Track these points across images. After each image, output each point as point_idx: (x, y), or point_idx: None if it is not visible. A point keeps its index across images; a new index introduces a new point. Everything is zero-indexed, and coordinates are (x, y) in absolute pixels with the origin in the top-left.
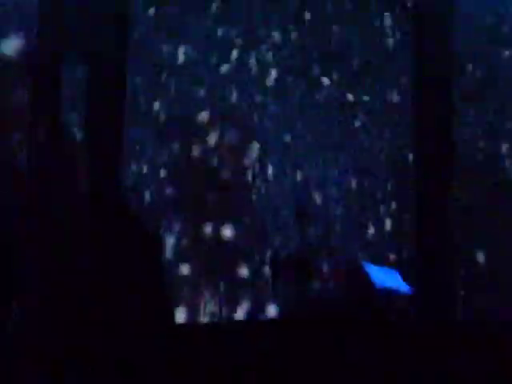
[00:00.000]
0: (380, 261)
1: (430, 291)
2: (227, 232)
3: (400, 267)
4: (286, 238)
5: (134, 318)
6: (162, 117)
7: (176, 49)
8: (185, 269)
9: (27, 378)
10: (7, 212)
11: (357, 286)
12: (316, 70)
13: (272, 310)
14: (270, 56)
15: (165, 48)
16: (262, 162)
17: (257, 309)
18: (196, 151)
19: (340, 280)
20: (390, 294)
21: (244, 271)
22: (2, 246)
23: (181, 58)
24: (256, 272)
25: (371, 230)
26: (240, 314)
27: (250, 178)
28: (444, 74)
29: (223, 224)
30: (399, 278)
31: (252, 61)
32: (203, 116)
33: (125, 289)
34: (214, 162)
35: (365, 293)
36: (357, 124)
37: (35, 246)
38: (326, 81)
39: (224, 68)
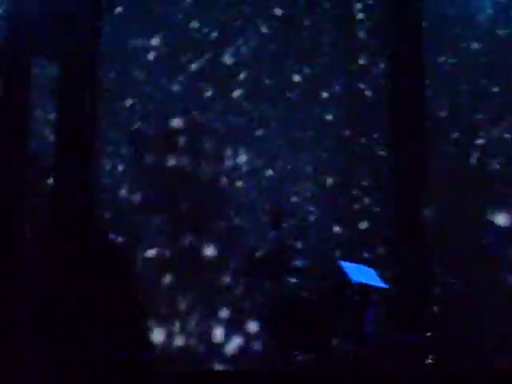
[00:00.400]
0: (355, 258)
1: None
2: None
3: (375, 264)
4: (261, 237)
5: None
6: (135, 116)
7: (148, 44)
8: (162, 275)
9: None
10: None
11: (333, 282)
12: (289, 66)
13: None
14: (243, 52)
15: (137, 43)
16: (235, 162)
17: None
18: (169, 151)
19: (316, 276)
20: (365, 289)
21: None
22: None
23: (153, 53)
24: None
25: (346, 228)
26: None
27: (224, 178)
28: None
29: (198, 227)
30: (374, 274)
31: (226, 57)
32: (176, 115)
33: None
34: (189, 163)
35: (340, 288)
36: (329, 120)
37: None
38: (297, 78)
39: (197, 64)
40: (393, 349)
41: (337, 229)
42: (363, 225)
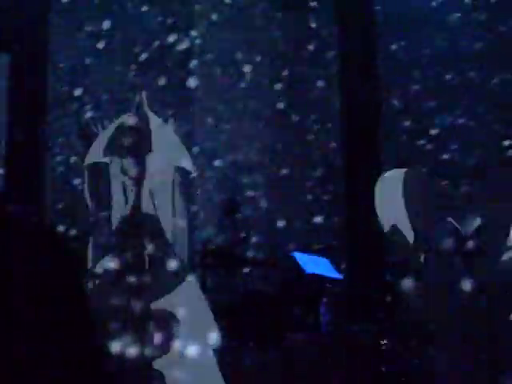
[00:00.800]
0: (309, 250)
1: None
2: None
3: (329, 255)
4: (216, 229)
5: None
6: (87, 106)
7: (99, 31)
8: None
9: None
10: None
11: (287, 273)
12: (239, 55)
13: None
14: (200, 39)
15: (86, 30)
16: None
17: None
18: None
19: (270, 268)
20: (319, 279)
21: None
22: None
23: (104, 42)
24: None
25: (301, 220)
26: None
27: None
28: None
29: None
30: (328, 264)
31: (178, 45)
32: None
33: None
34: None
35: (295, 279)
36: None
37: None
38: (248, 69)
39: (150, 53)
40: (346, 338)
41: (290, 220)
42: (316, 215)
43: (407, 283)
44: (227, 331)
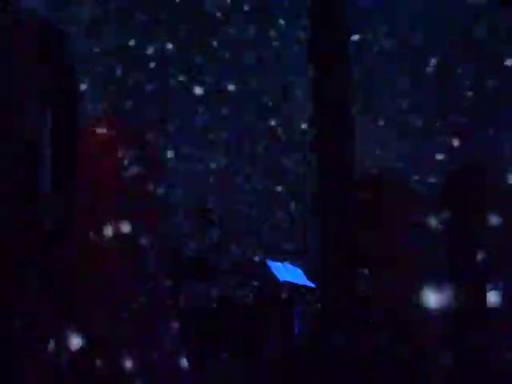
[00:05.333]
0: (280, 257)
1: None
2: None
3: (299, 262)
4: (188, 238)
5: None
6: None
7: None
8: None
9: None
10: None
11: (261, 282)
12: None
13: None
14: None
15: None
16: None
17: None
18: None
19: (243, 276)
20: (292, 287)
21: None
22: None
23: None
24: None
25: (270, 227)
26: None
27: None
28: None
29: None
30: (301, 273)
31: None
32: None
33: None
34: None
35: (268, 287)
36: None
37: None
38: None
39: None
40: (321, 346)
41: (262, 225)
42: (284, 218)
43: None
44: (200, 339)
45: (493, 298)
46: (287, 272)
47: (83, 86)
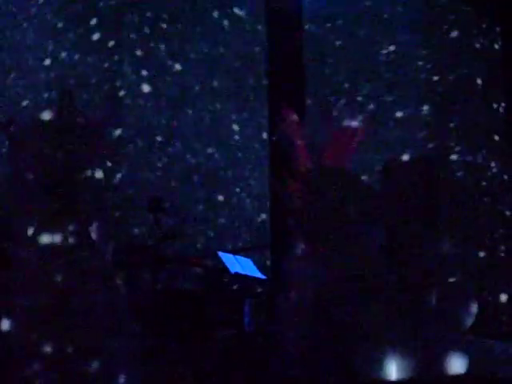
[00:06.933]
0: (234, 249)
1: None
2: None
3: (253, 255)
4: (139, 227)
5: None
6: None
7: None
8: None
9: None
10: None
11: (212, 273)
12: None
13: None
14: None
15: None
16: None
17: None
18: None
19: (195, 267)
20: (244, 279)
21: None
22: None
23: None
24: None
25: (227, 218)
26: None
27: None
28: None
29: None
30: (252, 264)
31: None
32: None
33: None
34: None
35: (220, 278)
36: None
37: None
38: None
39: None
40: (269, 338)
41: (217, 217)
42: (244, 213)
43: None
44: (150, 329)
45: None
46: (238, 263)
47: None
